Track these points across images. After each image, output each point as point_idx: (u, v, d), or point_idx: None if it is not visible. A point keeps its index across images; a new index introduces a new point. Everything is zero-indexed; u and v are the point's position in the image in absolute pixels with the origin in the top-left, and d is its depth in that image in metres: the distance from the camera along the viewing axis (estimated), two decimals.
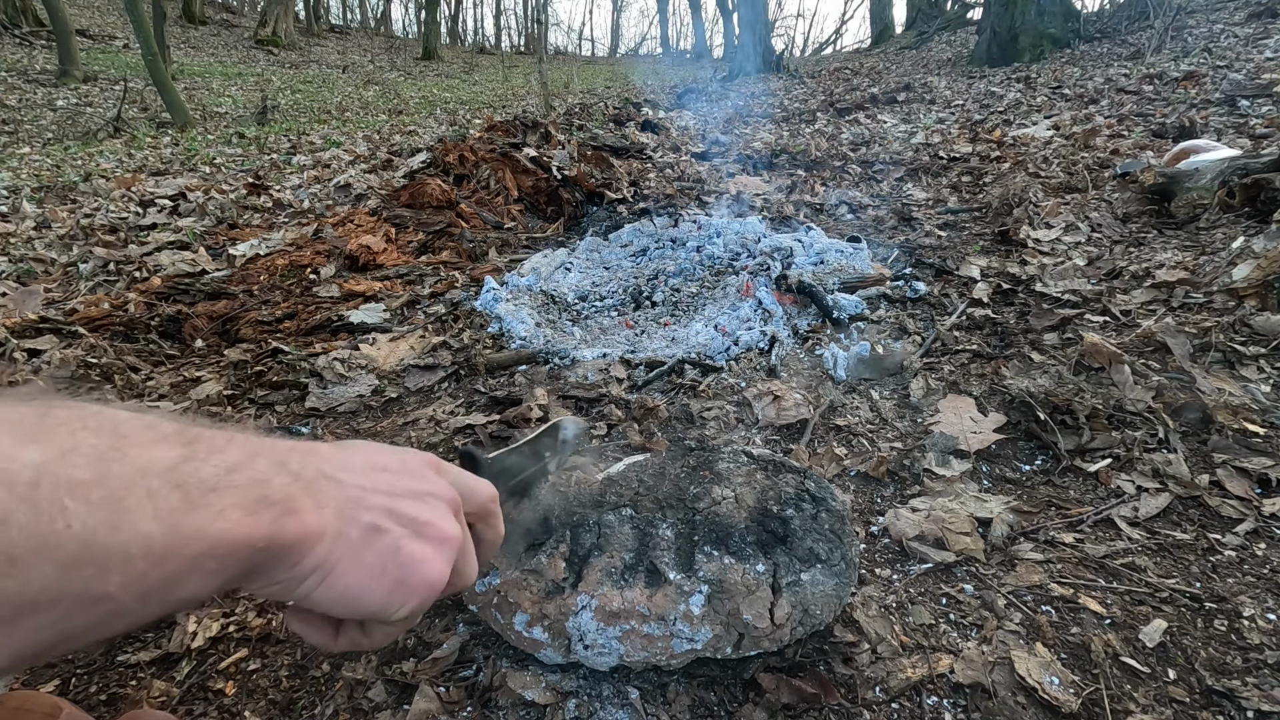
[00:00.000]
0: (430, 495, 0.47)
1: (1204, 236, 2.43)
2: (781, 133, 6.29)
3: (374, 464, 0.46)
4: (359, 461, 0.46)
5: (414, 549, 0.44)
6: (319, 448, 0.45)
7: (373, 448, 0.49)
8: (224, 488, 0.34)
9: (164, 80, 9.66)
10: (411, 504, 0.45)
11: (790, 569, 0.97)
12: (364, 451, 0.48)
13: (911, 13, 17.45)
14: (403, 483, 0.46)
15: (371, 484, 0.44)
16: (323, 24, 27.28)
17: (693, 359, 2.03)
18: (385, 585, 0.42)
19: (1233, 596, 1.08)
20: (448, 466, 0.53)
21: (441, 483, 0.49)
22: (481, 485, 0.54)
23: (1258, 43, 6.45)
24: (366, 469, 0.45)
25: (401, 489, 0.46)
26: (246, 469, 0.36)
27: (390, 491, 0.45)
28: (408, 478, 0.47)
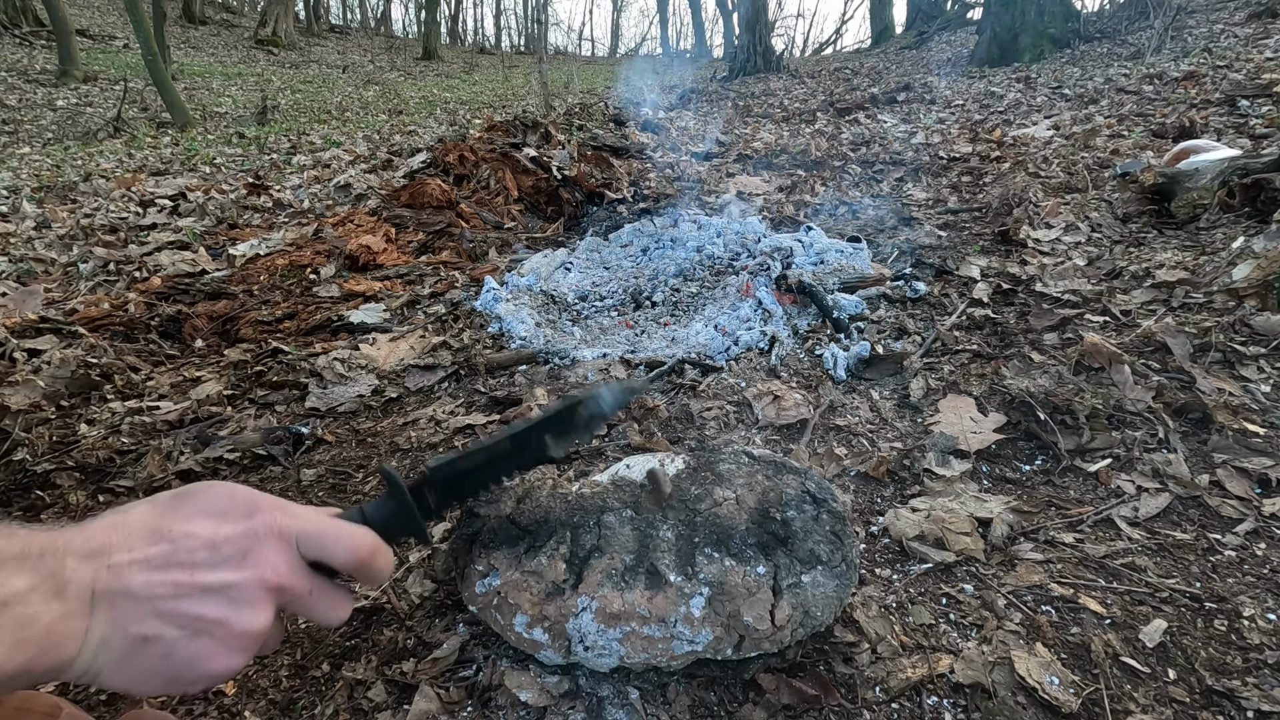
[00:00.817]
0: (233, 587, 0.46)
1: (1204, 236, 2.43)
2: (781, 133, 6.29)
3: (176, 555, 0.45)
4: (159, 554, 0.44)
5: (190, 650, 0.44)
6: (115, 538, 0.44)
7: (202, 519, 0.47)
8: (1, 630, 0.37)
9: (164, 80, 9.67)
10: (198, 603, 0.44)
11: (791, 570, 0.97)
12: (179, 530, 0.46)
13: (911, 13, 17.45)
14: (200, 577, 0.45)
15: (156, 589, 0.43)
16: (323, 24, 27.28)
17: (693, 359, 2.03)
18: (156, 683, 0.44)
19: (1233, 596, 1.08)
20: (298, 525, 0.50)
21: (266, 562, 0.47)
22: (343, 545, 0.52)
23: (1258, 43, 6.45)
24: (163, 563, 0.44)
25: (197, 585, 0.44)
26: (13, 605, 0.38)
27: (177, 593, 0.44)
28: (212, 569, 0.45)
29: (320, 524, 0.52)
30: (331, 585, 0.53)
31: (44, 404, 1.94)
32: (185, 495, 0.48)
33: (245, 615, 0.46)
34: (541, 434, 0.73)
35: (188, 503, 0.48)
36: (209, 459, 1.68)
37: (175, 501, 0.48)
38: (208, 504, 0.48)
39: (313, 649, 1.12)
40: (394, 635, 1.13)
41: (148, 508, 0.47)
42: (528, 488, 1.11)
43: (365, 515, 0.60)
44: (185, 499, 0.48)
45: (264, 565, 0.47)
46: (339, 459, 1.69)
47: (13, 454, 1.70)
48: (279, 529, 0.49)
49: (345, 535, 0.52)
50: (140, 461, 1.68)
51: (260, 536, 0.48)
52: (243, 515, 0.48)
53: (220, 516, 0.47)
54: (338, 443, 1.76)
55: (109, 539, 0.44)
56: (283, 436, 1.75)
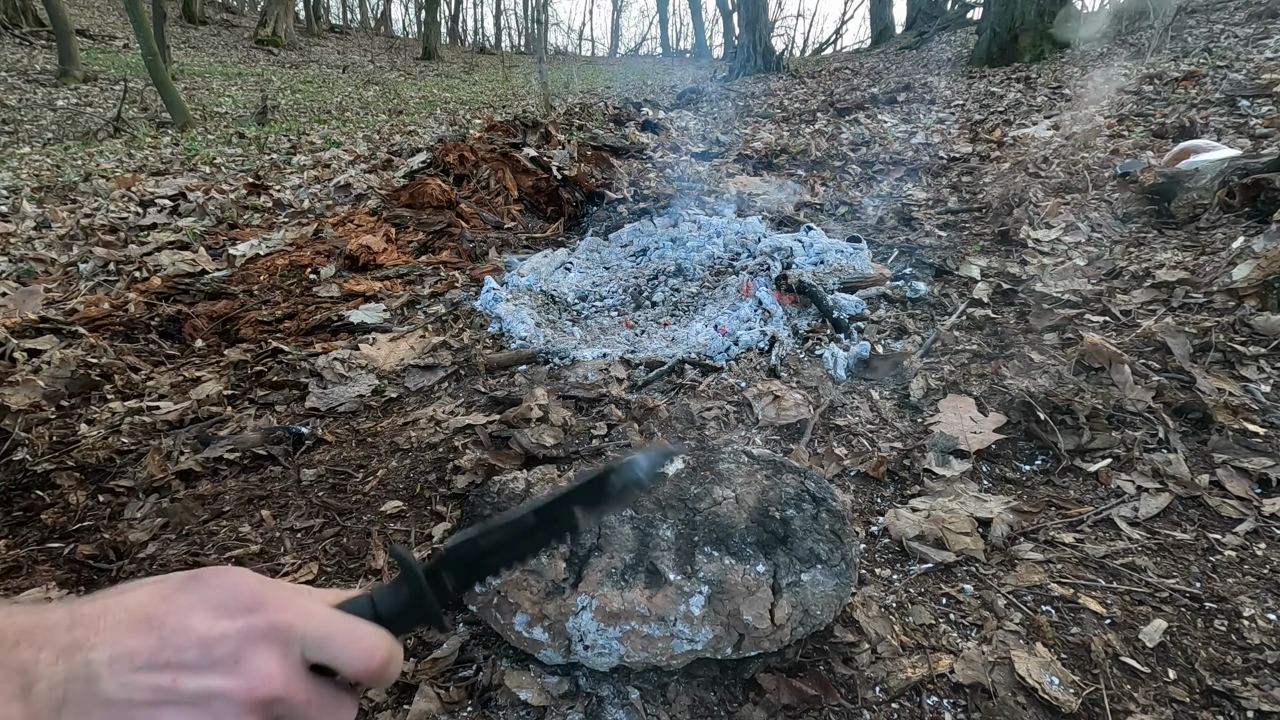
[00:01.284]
0: (219, 696, 0.40)
1: (1204, 236, 2.43)
2: (781, 133, 6.29)
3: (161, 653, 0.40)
4: (144, 650, 0.40)
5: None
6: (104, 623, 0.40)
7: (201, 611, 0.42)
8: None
9: (164, 80, 9.67)
10: (172, 714, 0.39)
11: (790, 569, 0.97)
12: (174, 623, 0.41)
13: (911, 13, 17.45)
14: (185, 682, 0.40)
15: (135, 693, 0.39)
16: (323, 24, 27.29)
17: (693, 359, 2.03)
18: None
19: (1233, 596, 1.08)
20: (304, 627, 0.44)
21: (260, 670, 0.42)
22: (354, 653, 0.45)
23: (1258, 43, 6.45)
24: (146, 663, 0.39)
25: (179, 692, 0.39)
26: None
27: (156, 699, 0.39)
28: (198, 674, 0.40)
29: (329, 626, 0.46)
30: (334, 690, 0.46)
31: (44, 404, 1.94)
32: (195, 580, 0.44)
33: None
34: (570, 506, 0.66)
35: (194, 589, 0.43)
36: (209, 459, 1.68)
37: (182, 585, 0.43)
38: (210, 593, 0.43)
39: None
40: None
41: (152, 589, 0.43)
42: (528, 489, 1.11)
43: (376, 605, 0.54)
44: (193, 584, 0.43)
45: (257, 674, 0.42)
46: (339, 459, 1.69)
47: (13, 454, 1.70)
48: (281, 630, 0.43)
49: (357, 641, 0.46)
50: (140, 461, 1.68)
51: (258, 638, 0.42)
52: (244, 610, 0.43)
53: (219, 609, 0.42)
54: (338, 443, 1.76)
55: (96, 626, 0.39)
56: (283, 436, 1.75)
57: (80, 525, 1.50)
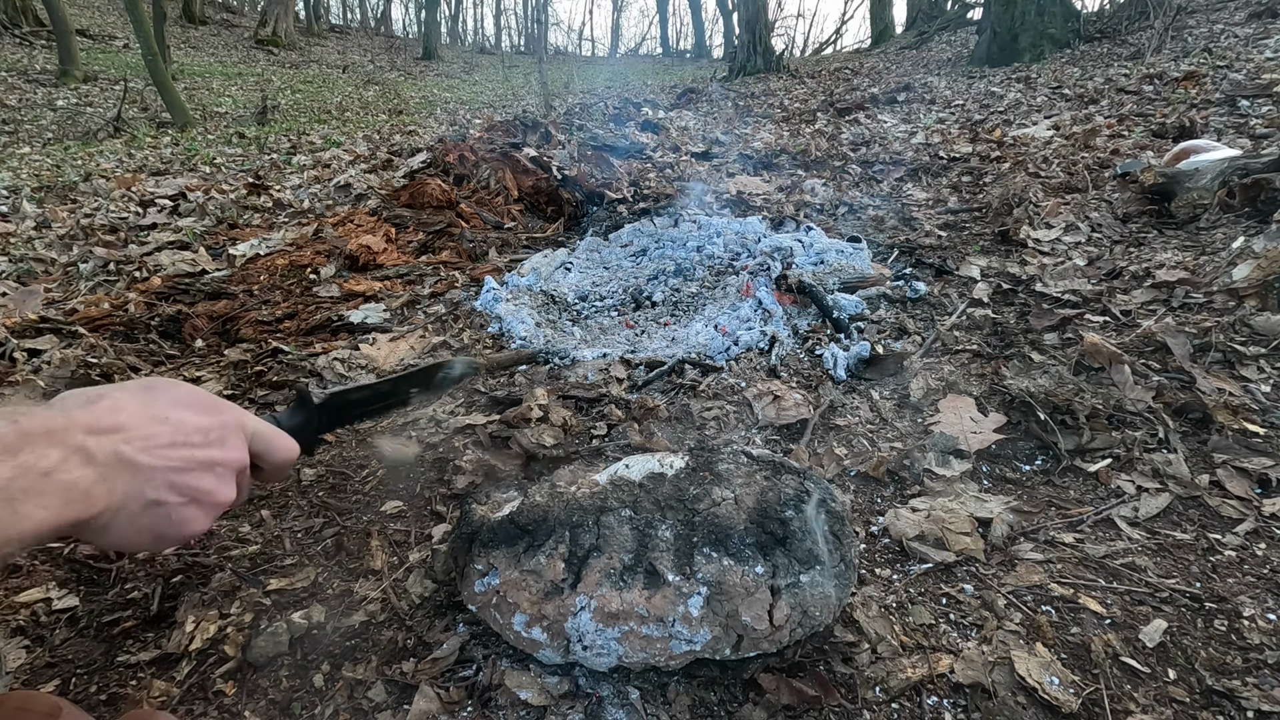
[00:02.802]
0: (220, 465, 0.58)
1: (1204, 236, 2.43)
2: (781, 133, 6.29)
3: (178, 435, 0.55)
4: (164, 434, 0.54)
5: (184, 514, 0.55)
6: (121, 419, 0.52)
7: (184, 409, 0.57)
8: (35, 493, 0.45)
9: (164, 80, 9.66)
10: (198, 476, 0.55)
11: (789, 570, 0.97)
12: (174, 416, 0.55)
13: (911, 13, 17.45)
14: (199, 454, 0.56)
15: (167, 461, 0.53)
16: (323, 24, 27.28)
17: (693, 359, 2.03)
18: (148, 540, 0.54)
19: (1233, 596, 1.08)
20: (255, 425, 0.64)
21: (237, 448, 0.60)
22: (279, 450, 0.66)
23: (1258, 43, 6.45)
24: (170, 443, 0.54)
25: (196, 461, 0.55)
26: (56, 473, 0.46)
27: (183, 466, 0.54)
28: (206, 449, 0.57)
29: (267, 428, 0.66)
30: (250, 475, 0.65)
31: None
32: (154, 389, 0.57)
33: (225, 488, 0.58)
34: (409, 385, 0.90)
35: (163, 396, 0.57)
36: None
37: (150, 394, 0.56)
38: (185, 398, 0.58)
39: (313, 649, 1.12)
40: (394, 635, 1.13)
41: (126, 395, 0.54)
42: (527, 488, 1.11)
43: (279, 421, 0.73)
44: (159, 393, 0.57)
45: (236, 450, 0.60)
46: (339, 459, 1.69)
47: None
48: (242, 424, 0.62)
49: (282, 439, 0.67)
50: None
51: (232, 428, 0.60)
52: (214, 409, 0.59)
53: (200, 409, 0.58)
54: (337, 443, 1.76)
55: (118, 419, 0.52)
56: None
57: None
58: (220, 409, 0.60)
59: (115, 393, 0.54)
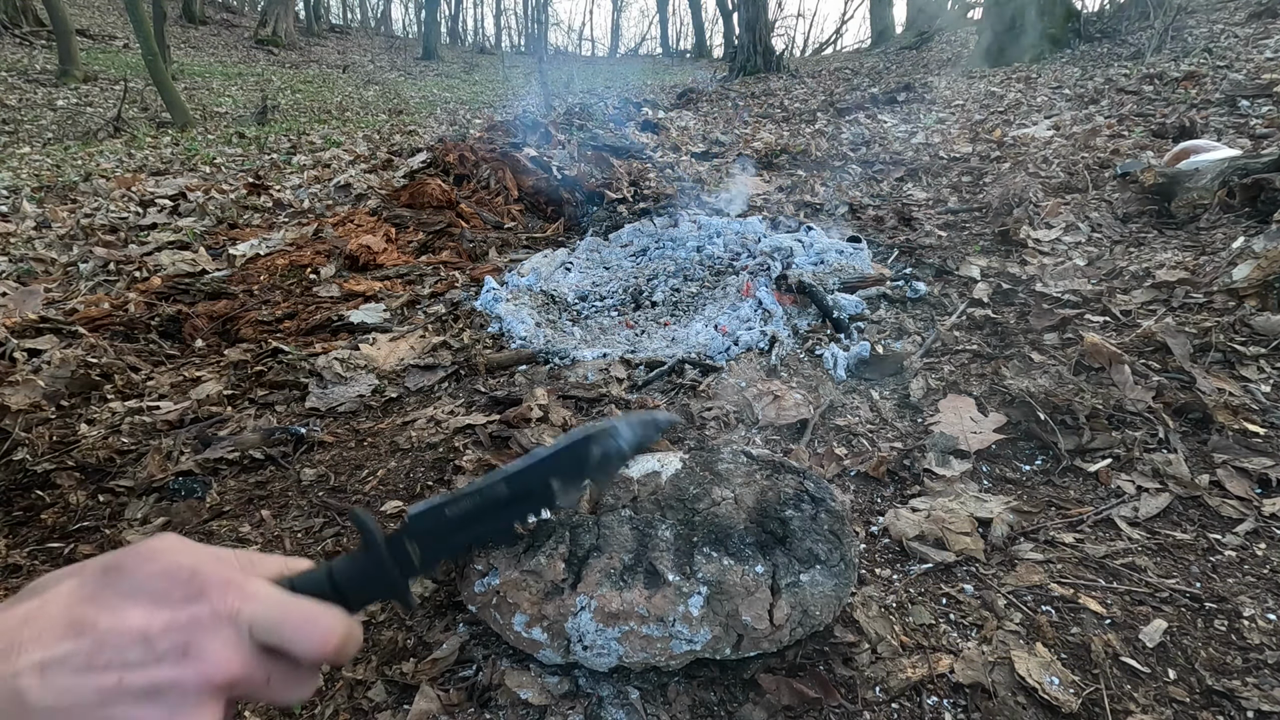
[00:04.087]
0: (171, 688, 0.38)
1: (1204, 236, 2.43)
2: (781, 133, 6.29)
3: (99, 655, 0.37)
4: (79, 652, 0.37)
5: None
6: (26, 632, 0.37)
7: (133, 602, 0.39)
8: None
9: (164, 80, 9.66)
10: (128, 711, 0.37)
11: (789, 570, 0.97)
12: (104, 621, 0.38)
13: (911, 13, 17.45)
14: (132, 676, 0.37)
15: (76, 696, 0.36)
16: (323, 24, 27.28)
17: (693, 359, 2.03)
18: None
19: (1233, 596, 1.08)
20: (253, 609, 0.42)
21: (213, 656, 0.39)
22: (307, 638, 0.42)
23: (1258, 43, 6.45)
24: (84, 665, 0.37)
25: (128, 687, 0.37)
26: None
27: (100, 699, 0.37)
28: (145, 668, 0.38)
29: (279, 609, 0.43)
30: (293, 665, 0.44)
31: (44, 404, 1.94)
32: (117, 570, 0.40)
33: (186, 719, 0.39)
34: (546, 476, 0.62)
35: (119, 581, 0.40)
36: (209, 459, 1.68)
37: (104, 579, 0.40)
38: (142, 583, 0.40)
39: None
40: (394, 635, 1.13)
41: (72, 587, 0.39)
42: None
43: (334, 577, 0.50)
44: (117, 575, 0.40)
45: (209, 660, 0.39)
46: (339, 459, 1.69)
47: (13, 454, 1.70)
48: (228, 615, 0.41)
49: (309, 624, 0.43)
50: (140, 461, 1.68)
51: (204, 626, 0.40)
52: (184, 599, 0.40)
53: (156, 600, 0.40)
54: (338, 443, 1.76)
55: (19, 635, 0.37)
56: (283, 438, 1.75)
57: (80, 525, 1.50)
58: (199, 592, 0.40)
59: (60, 584, 0.40)
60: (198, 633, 0.40)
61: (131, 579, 0.40)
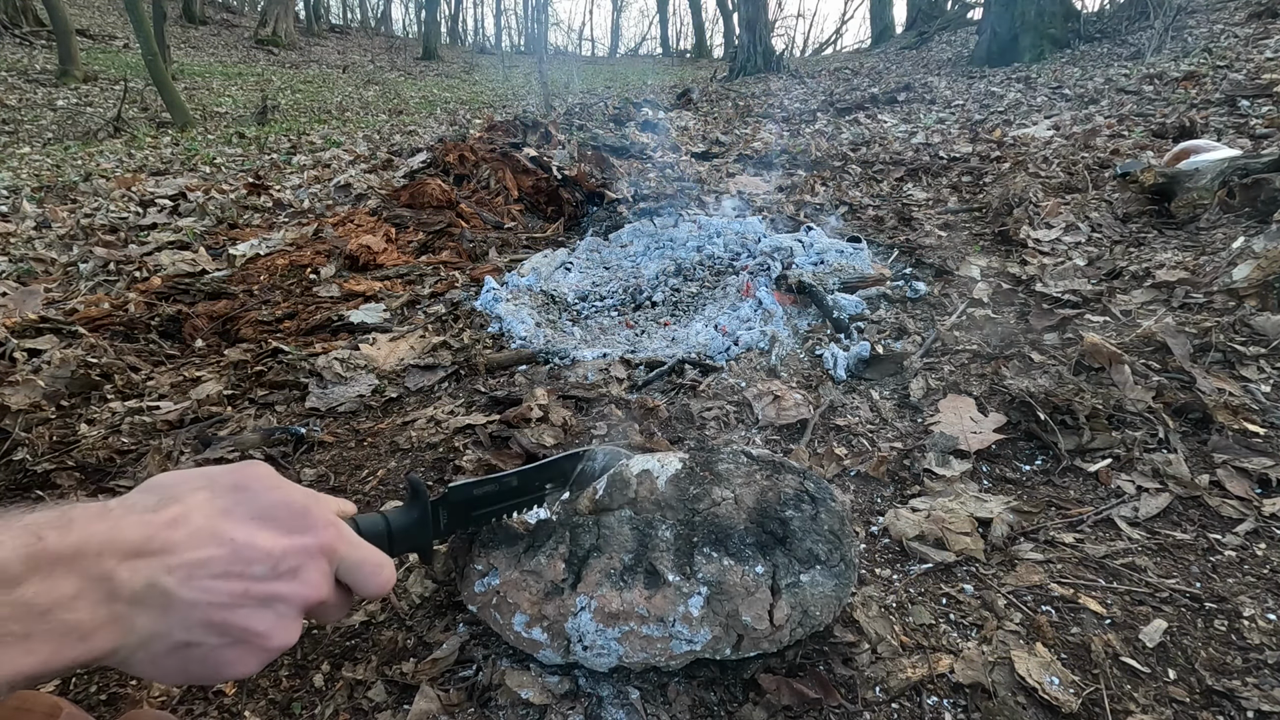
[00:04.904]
0: (281, 601, 0.47)
1: (1204, 236, 2.43)
2: (781, 133, 6.29)
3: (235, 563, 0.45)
4: (219, 559, 0.45)
5: (224, 657, 0.46)
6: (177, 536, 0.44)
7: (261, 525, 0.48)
8: (19, 637, 0.38)
9: (164, 80, 9.66)
10: (250, 615, 0.46)
11: (789, 570, 0.97)
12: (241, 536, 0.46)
13: (911, 13, 17.44)
14: (258, 588, 0.46)
15: (211, 595, 0.44)
16: (323, 24, 27.28)
17: (693, 359, 2.03)
18: (178, 678, 0.46)
19: (1233, 596, 1.08)
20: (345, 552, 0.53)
21: (313, 583, 0.49)
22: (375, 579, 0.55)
23: (1258, 43, 6.45)
24: (223, 572, 0.45)
25: (252, 596, 0.46)
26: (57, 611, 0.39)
27: (232, 602, 0.45)
28: (269, 582, 0.47)
29: (361, 555, 0.54)
30: (345, 594, 0.55)
31: (44, 404, 1.94)
32: (245, 491, 0.49)
33: (285, 629, 0.48)
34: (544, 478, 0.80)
35: (249, 501, 0.48)
36: (209, 459, 1.68)
37: (236, 497, 0.48)
38: (266, 508, 0.49)
39: (313, 649, 1.12)
40: (394, 635, 1.13)
41: (207, 500, 0.47)
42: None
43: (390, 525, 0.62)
44: (246, 496, 0.48)
45: (310, 585, 0.49)
46: (339, 459, 1.69)
47: (13, 454, 1.70)
48: (328, 551, 0.51)
49: (378, 571, 0.55)
50: (140, 461, 1.68)
51: (312, 556, 0.50)
52: (300, 529, 0.50)
53: (278, 526, 0.49)
54: (338, 443, 1.76)
55: (170, 536, 0.44)
56: (283, 438, 1.75)
57: None
58: (309, 526, 0.50)
59: (195, 494, 0.47)
60: (306, 560, 0.49)
61: (257, 502, 0.49)
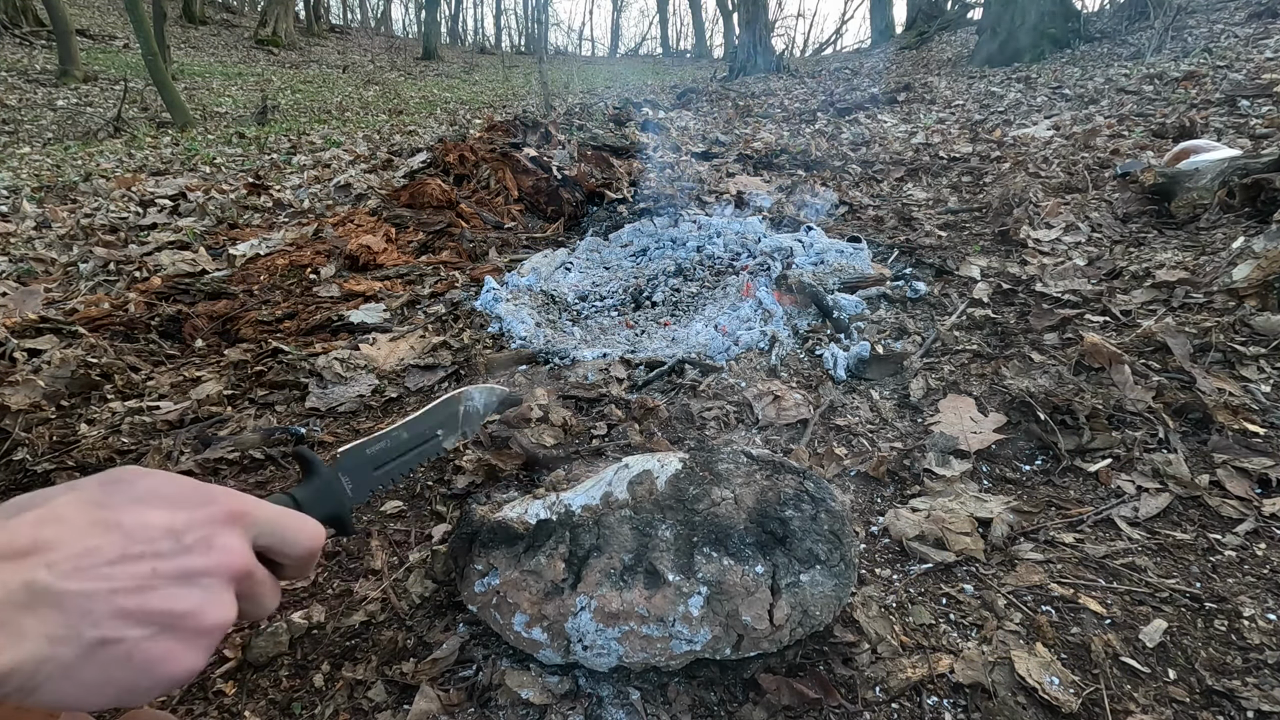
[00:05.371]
0: (203, 575, 0.43)
1: (1204, 236, 2.43)
2: (781, 133, 6.29)
3: (131, 545, 0.40)
4: (110, 545, 0.39)
5: (154, 649, 0.40)
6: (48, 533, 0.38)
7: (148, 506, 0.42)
8: None
9: (164, 80, 9.67)
10: (168, 594, 0.41)
11: (789, 570, 0.97)
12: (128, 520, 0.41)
13: (911, 13, 17.44)
14: (166, 564, 0.41)
15: (111, 582, 0.39)
16: (323, 24, 27.28)
17: (693, 359, 2.03)
18: (109, 694, 0.39)
19: (1233, 596, 1.08)
20: (258, 513, 0.48)
21: (229, 549, 0.45)
22: (298, 539, 0.50)
23: (1258, 43, 6.45)
24: (119, 556, 0.39)
25: (162, 574, 0.41)
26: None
27: (140, 586, 0.40)
28: (177, 557, 0.42)
29: (278, 515, 0.49)
30: (270, 575, 0.49)
31: (44, 404, 1.94)
32: (118, 483, 0.43)
33: (215, 605, 0.43)
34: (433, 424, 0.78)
35: (124, 490, 0.43)
36: (209, 459, 1.68)
37: (110, 489, 0.42)
38: (153, 491, 0.44)
39: (313, 649, 1.12)
40: (394, 635, 1.13)
41: (74, 496, 0.41)
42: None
43: (298, 501, 0.58)
44: (121, 486, 0.43)
45: (229, 552, 0.44)
46: None
47: (13, 454, 1.70)
48: (239, 515, 0.46)
49: (303, 527, 0.50)
50: (140, 461, 1.68)
51: (221, 523, 0.45)
52: (200, 502, 0.45)
53: (174, 503, 0.44)
54: (338, 443, 1.76)
55: (41, 534, 0.38)
56: (283, 438, 1.75)
57: None
58: (206, 499, 0.45)
59: (60, 497, 0.41)
60: (217, 528, 0.45)
61: (136, 489, 0.43)
